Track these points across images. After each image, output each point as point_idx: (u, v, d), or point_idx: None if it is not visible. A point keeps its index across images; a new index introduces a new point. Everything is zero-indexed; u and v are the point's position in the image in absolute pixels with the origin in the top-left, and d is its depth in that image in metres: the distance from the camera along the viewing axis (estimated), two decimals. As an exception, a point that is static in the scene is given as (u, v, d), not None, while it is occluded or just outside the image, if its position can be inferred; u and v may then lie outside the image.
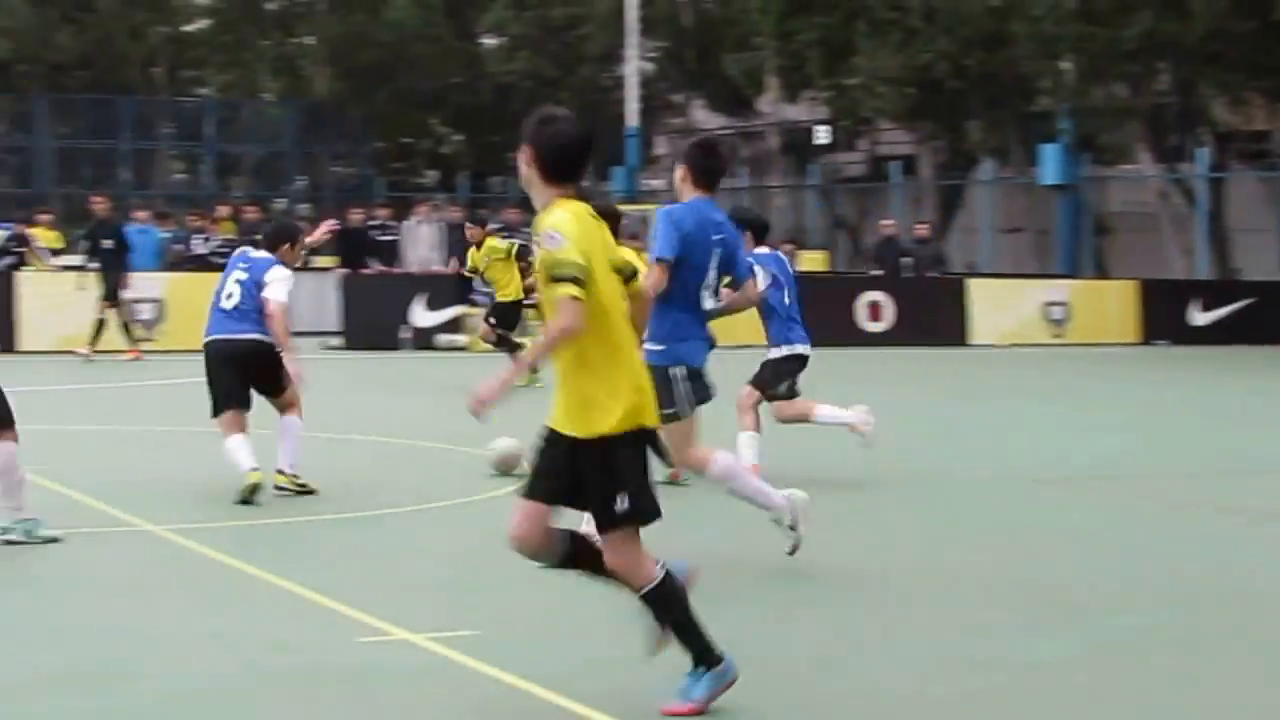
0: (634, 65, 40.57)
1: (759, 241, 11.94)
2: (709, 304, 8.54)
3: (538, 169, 5.72)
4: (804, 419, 11.84)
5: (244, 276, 10.61)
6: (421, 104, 47.64)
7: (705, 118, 48.09)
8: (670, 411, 8.10)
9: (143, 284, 23.81)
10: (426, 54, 45.80)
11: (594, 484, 5.72)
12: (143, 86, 45.13)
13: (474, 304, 25.93)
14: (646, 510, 5.78)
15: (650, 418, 5.80)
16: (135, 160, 42.41)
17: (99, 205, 23.53)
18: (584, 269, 5.55)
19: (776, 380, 11.81)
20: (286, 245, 10.88)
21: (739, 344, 14.61)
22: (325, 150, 44.67)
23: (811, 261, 30.63)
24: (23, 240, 24.86)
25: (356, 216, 27.59)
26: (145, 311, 23.82)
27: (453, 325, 25.83)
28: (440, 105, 48.05)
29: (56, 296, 23.30)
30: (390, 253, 27.00)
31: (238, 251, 11.15)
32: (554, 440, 5.80)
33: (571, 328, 5.54)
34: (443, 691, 6.25)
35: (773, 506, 8.30)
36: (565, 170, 5.72)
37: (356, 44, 45.47)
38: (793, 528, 8.31)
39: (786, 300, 11.89)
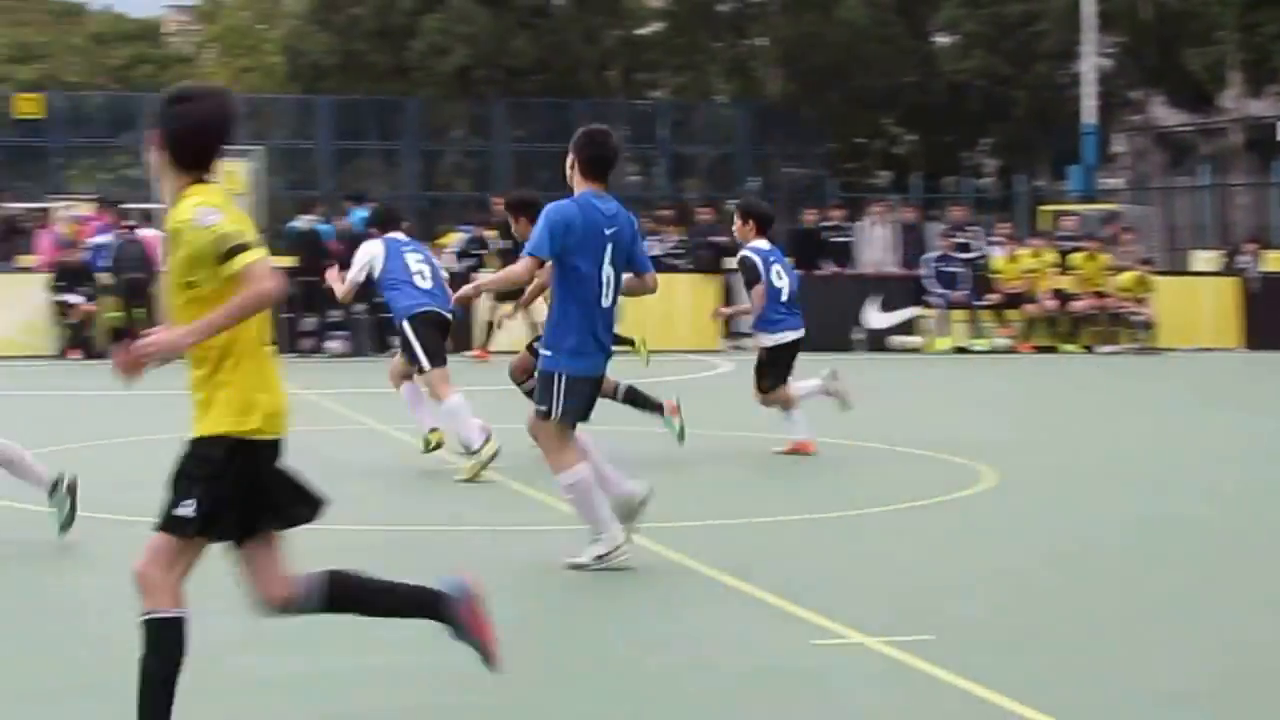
0: (1091, 62, 39.59)
1: (761, 233, 13.08)
2: (607, 302, 8.30)
3: (168, 155, 5.11)
4: (787, 404, 12.89)
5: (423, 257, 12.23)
6: (874, 104, 47.59)
7: (1165, 114, 46.64)
8: (543, 409, 8.29)
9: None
10: (879, 53, 45.73)
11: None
12: (597, 90, 46.41)
13: (928, 305, 25.83)
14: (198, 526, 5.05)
15: (270, 430, 5.11)
16: (590, 163, 43.65)
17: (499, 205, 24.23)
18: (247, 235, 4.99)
19: (777, 372, 12.93)
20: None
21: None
22: (777, 151, 45.04)
23: (1276, 262, 29.30)
24: (482, 243, 25.82)
25: (810, 217, 27.84)
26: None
27: (906, 327, 25.78)
28: (892, 105, 47.91)
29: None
30: (844, 254, 27.09)
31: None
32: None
33: (275, 289, 4.95)
34: (902, 697, 6.21)
35: (605, 531, 8.31)
36: (200, 156, 5.10)
37: (809, 45, 45.74)
38: (599, 558, 8.31)
39: (785, 292, 13.01)
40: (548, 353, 8.30)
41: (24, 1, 68.04)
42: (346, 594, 5.44)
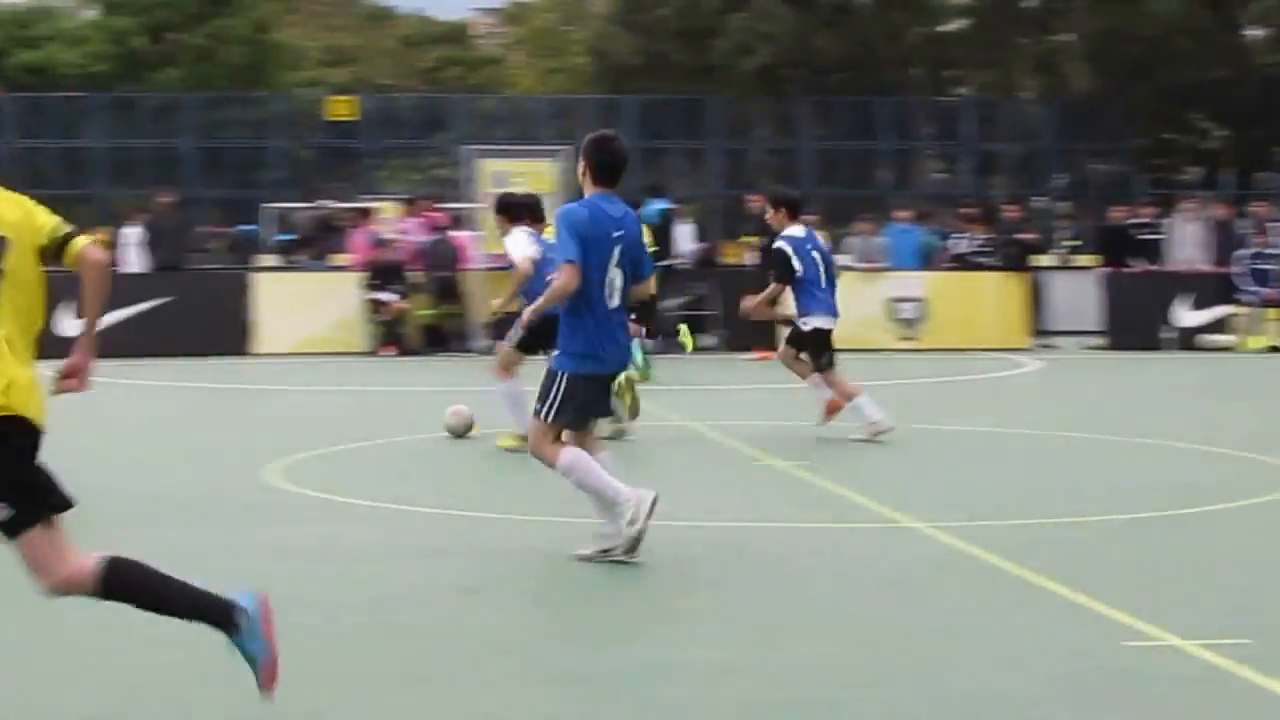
0: None
1: (794, 219, 13.39)
2: (614, 303, 8.37)
3: None
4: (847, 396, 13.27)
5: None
6: (1183, 99, 46.36)
7: None
8: (537, 407, 8.46)
9: (905, 283, 24.61)
10: (1188, 47, 44.53)
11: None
12: (900, 87, 46.13)
13: (1239, 303, 25.09)
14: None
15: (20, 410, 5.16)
16: (894, 161, 43.42)
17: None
18: None
19: (817, 354, 13.33)
20: None
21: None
22: (1084, 148, 44.15)
23: None
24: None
25: (1118, 214, 27.34)
26: (907, 310, 24.52)
27: (1218, 325, 25.12)
28: (1202, 100, 46.60)
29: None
30: (1154, 251, 26.49)
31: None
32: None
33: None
34: (1222, 703, 6.05)
35: (619, 501, 8.21)
36: None
37: (1116, 39, 44.77)
38: (632, 522, 8.17)
39: (822, 279, 13.27)
40: (556, 353, 8.49)
41: (335, 6, 70.37)
42: (125, 584, 5.47)
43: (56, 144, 39.35)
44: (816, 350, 13.41)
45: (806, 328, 13.44)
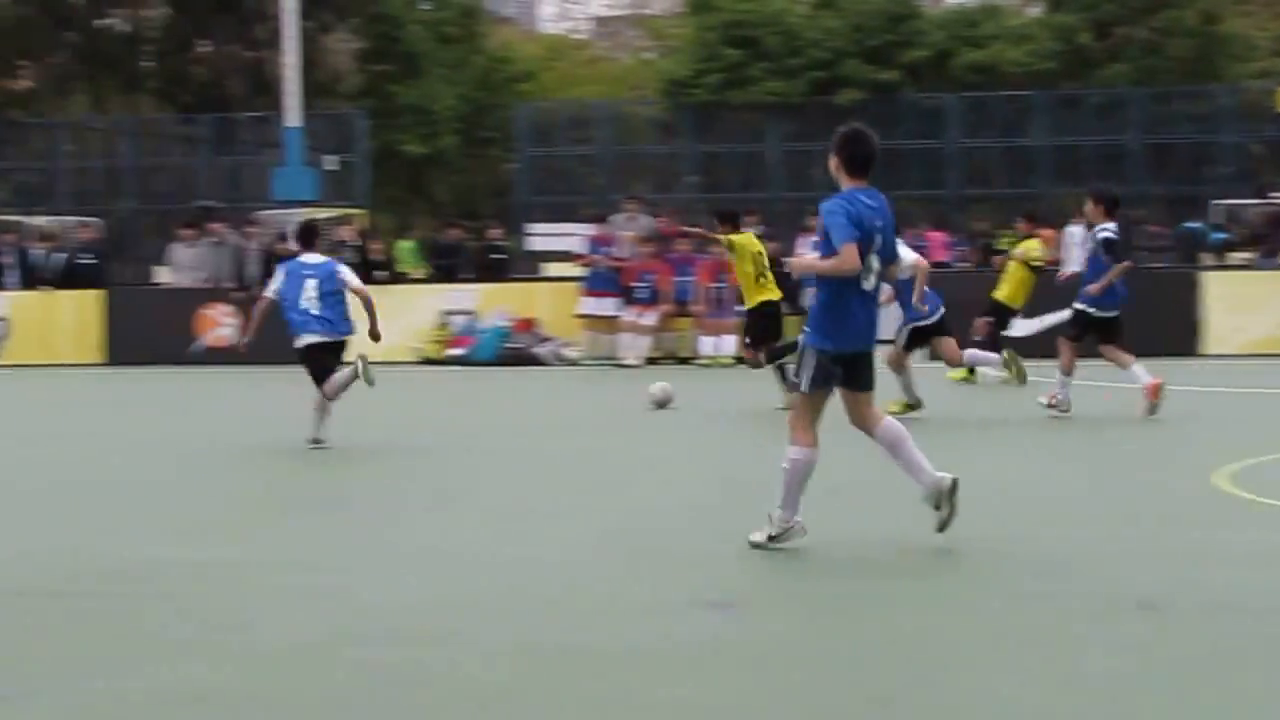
0: None
1: (1110, 215, 15.72)
2: (869, 285, 8.96)
3: None
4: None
5: None
6: None
7: None
8: (794, 382, 9.29)
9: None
10: None
11: None
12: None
13: None
14: None
15: None
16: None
17: None
18: None
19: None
20: None
21: None
22: None
23: None
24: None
25: None
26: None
27: None
28: None
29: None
30: None
31: None
32: None
33: None
34: None
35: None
36: None
37: None
38: (937, 506, 8.99)
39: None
40: (809, 330, 9.08)
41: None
42: None
43: (1000, 143, 40.40)
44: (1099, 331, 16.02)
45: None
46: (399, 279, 27.66)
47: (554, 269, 32.06)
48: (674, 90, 48.74)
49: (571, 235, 29.73)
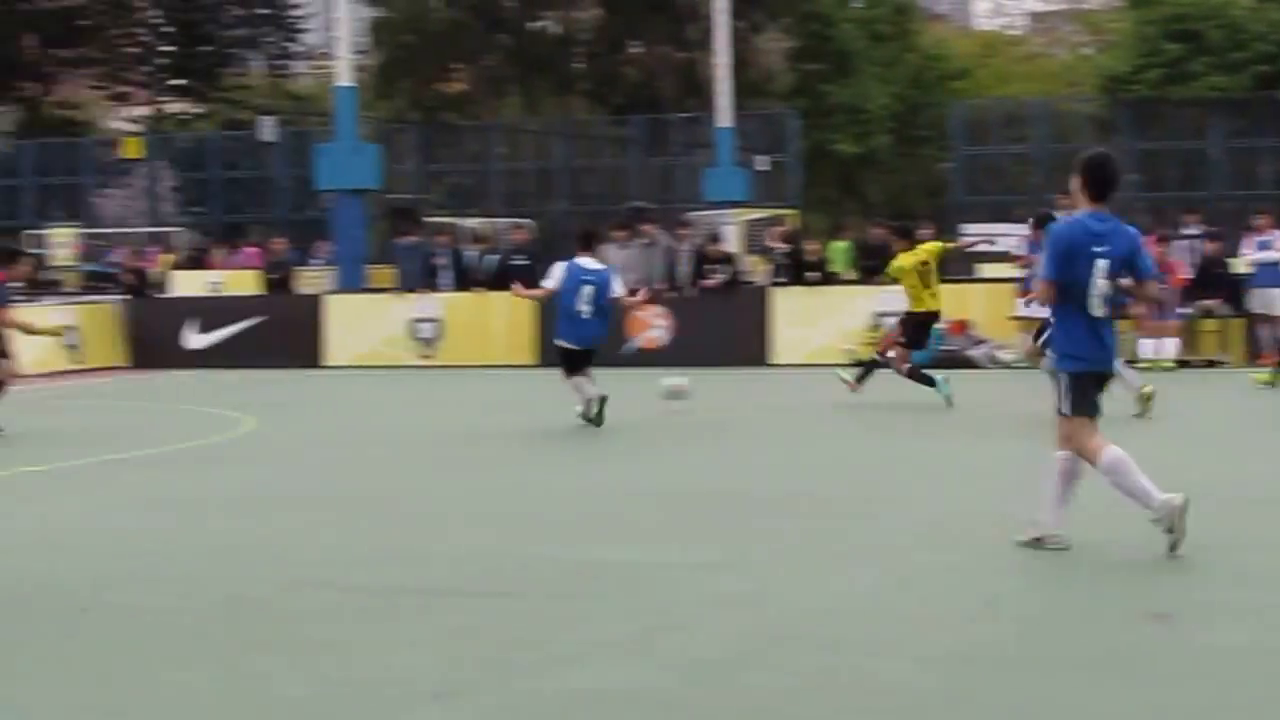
0: None
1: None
2: (1100, 311, 9.38)
3: None
4: None
5: None
6: None
7: None
8: (1060, 409, 9.53)
9: None
10: None
11: None
12: None
13: None
14: None
15: None
16: None
17: None
18: None
19: None
20: None
21: None
22: None
23: None
24: None
25: None
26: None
27: None
28: None
29: None
30: None
31: None
32: None
33: None
34: None
35: (1151, 506, 9.16)
36: None
37: None
38: (1169, 530, 9.05)
39: None
40: (1054, 355, 9.75)
41: None
42: None
43: None
44: None
45: None
46: (830, 280, 27.68)
47: (988, 270, 31.61)
48: (1112, 86, 47.58)
49: (1007, 235, 29.26)
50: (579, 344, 17.05)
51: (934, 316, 19.17)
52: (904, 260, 18.78)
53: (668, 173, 47.33)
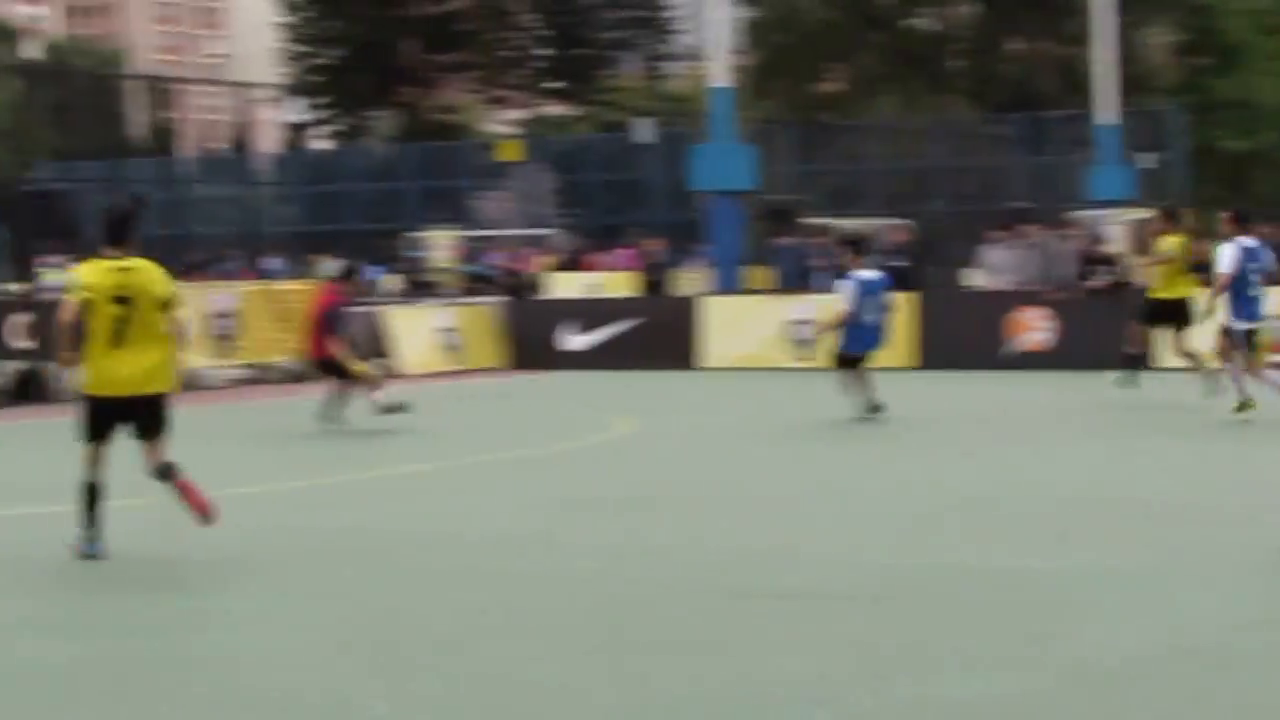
0: None
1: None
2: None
3: None
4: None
5: None
6: None
7: None
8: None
9: None
10: None
11: None
12: None
13: None
14: None
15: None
16: None
17: None
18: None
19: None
20: None
21: None
22: None
23: None
24: None
25: None
26: None
27: None
28: None
29: None
30: None
31: None
32: None
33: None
34: None
35: None
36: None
37: None
38: None
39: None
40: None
41: None
42: None
43: None
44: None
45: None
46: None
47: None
48: None
49: None
50: (865, 350, 18.23)
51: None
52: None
53: (1047, 171, 46.43)
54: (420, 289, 38.68)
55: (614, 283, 34.01)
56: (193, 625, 8.30)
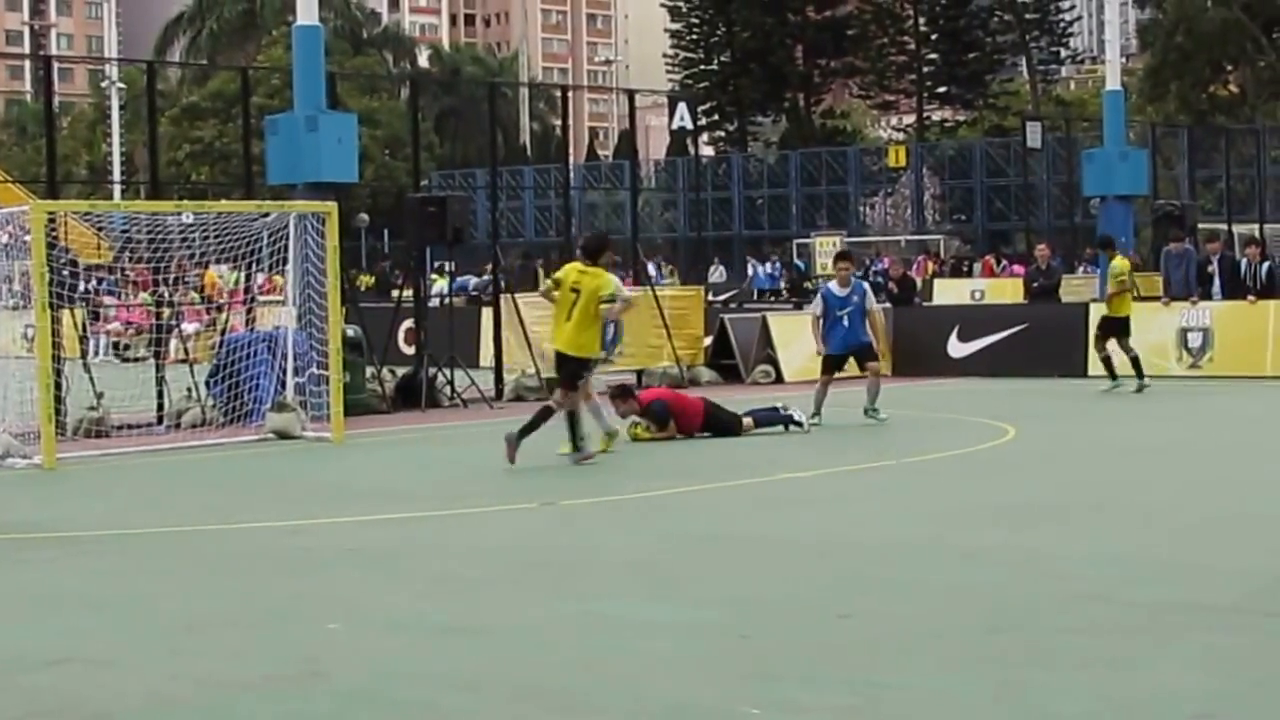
0: None
1: None
2: None
3: None
4: None
5: None
6: None
7: None
8: None
9: None
10: None
11: None
12: None
13: None
14: None
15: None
16: None
17: None
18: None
19: None
20: None
21: None
22: None
23: None
24: None
25: None
26: None
27: None
28: None
29: None
30: None
31: None
32: None
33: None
34: None
35: None
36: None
37: None
38: None
39: None
40: None
41: None
42: None
43: None
44: None
45: None
46: None
47: None
48: None
49: None
50: None
51: None
52: None
53: None
54: (806, 295, 39.03)
55: (998, 289, 33.82)
56: (586, 628, 8.78)
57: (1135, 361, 23.47)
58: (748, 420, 18.42)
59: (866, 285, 20.85)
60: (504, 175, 61.72)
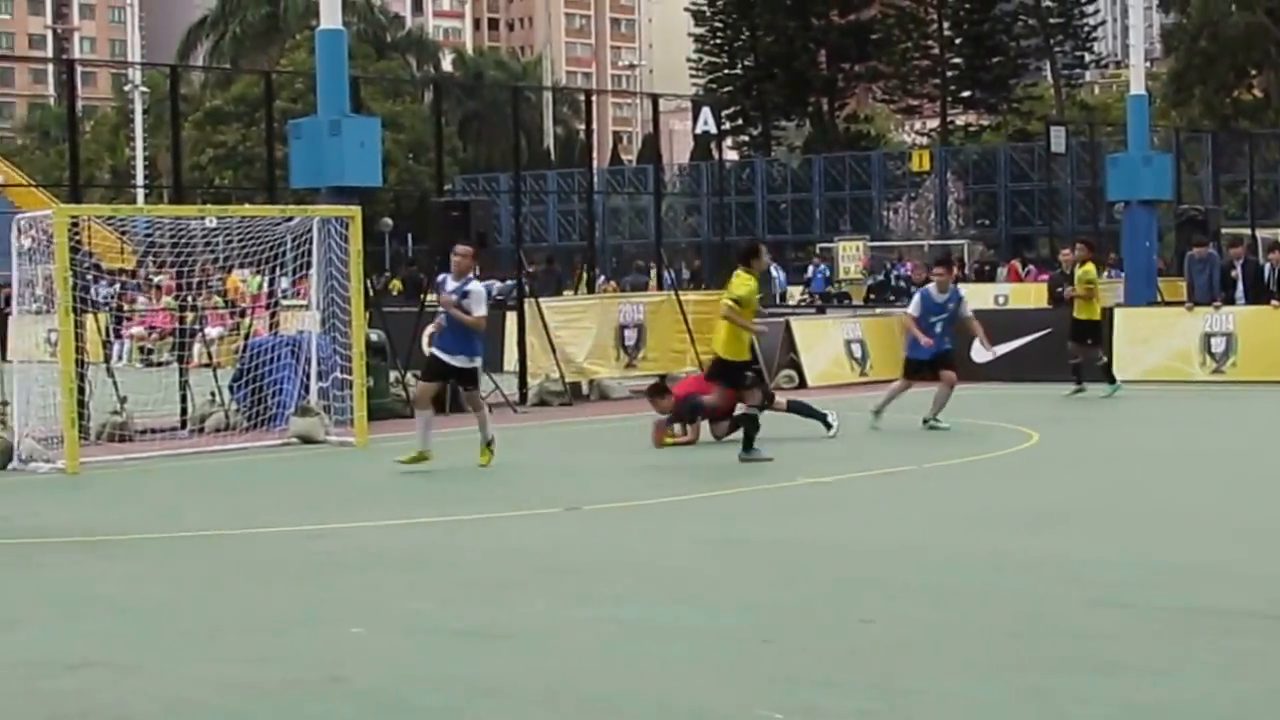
0: None
1: None
2: None
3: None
4: None
5: None
6: None
7: None
8: None
9: None
10: None
11: None
12: None
13: None
14: None
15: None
16: None
17: None
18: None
19: None
20: None
21: None
22: None
23: None
24: None
25: None
26: None
27: None
28: None
29: None
30: None
31: None
32: None
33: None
34: None
35: None
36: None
37: None
38: None
39: None
40: None
41: None
42: None
43: None
44: None
45: None
46: None
47: None
48: None
49: None
50: None
51: None
52: None
53: None
54: (827, 300, 39.02)
55: (1022, 294, 33.77)
56: (609, 633, 8.79)
57: (1106, 368, 23.88)
58: (781, 400, 18.68)
59: (963, 293, 20.85)
60: (527, 180, 61.99)
